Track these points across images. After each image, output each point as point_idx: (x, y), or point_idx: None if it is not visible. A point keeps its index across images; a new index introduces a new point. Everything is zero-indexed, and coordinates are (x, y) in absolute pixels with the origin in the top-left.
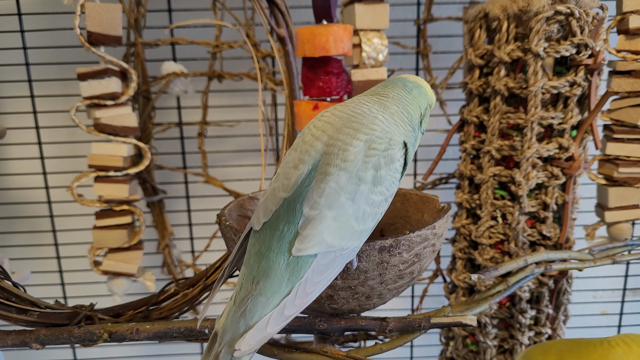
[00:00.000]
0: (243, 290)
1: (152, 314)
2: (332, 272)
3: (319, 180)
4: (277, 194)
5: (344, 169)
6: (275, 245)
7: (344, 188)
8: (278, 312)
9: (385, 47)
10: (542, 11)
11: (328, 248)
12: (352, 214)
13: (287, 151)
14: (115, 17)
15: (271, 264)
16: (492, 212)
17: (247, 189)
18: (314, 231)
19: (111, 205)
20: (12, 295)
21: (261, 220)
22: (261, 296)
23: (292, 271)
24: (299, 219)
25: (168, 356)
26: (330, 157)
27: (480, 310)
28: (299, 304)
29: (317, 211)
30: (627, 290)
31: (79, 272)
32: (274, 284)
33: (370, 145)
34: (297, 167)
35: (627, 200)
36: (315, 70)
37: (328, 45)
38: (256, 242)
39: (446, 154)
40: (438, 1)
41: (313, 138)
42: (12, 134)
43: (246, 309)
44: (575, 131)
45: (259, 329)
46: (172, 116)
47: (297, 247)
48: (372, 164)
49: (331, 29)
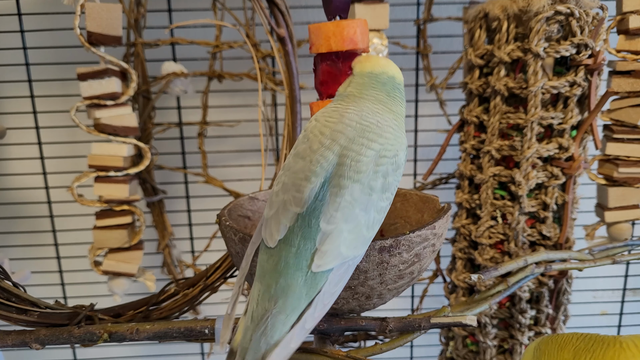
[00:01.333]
0: (260, 307)
1: (152, 314)
2: (345, 280)
3: (334, 194)
4: (289, 208)
5: (357, 180)
6: (292, 262)
7: (357, 200)
8: (300, 327)
9: (385, 47)
10: (542, 11)
11: (343, 259)
12: (364, 224)
13: (288, 153)
14: (115, 17)
15: (290, 282)
16: (492, 212)
17: (247, 189)
18: (332, 246)
19: (111, 206)
20: (12, 295)
21: (275, 236)
22: (280, 314)
23: (310, 286)
24: (315, 234)
25: (168, 356)
26: (343, 168)
27: (480, 310)
28: (318, 316)
29: (334, 225)
30: (627, 290)
31: (79, 272)
32: (293, 301)
33: (381, 154)
34: (308, 180)
35: (627, 200)
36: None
37: (356, 38)
38: (270, 258)
39: (446, 154)
40: (438, 1)
41: (323, 147)
42: (12, 134)
43: (266, 328)
44: (575, 131)
45: (283, 347)
46: (172, 116)
47: (317, 264)
48: (382, 172)
49: (357, 21)
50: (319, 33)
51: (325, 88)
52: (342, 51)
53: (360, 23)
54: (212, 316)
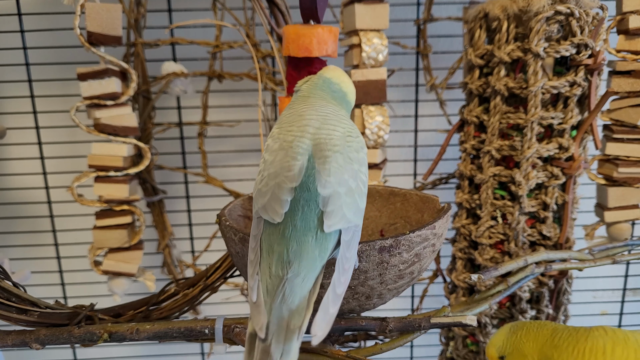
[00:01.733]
0: (274, 278)
1: (152, 314)
2: (355, 248)
3: (321, 163)
4: (284, 186)
5: (337, 151)
6: (300, 225)
7: (343, 166)
8: (332, 292)
9: (385, 47)
10: (542, 11)
11: (348, 223)
12: (356, 191)
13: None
14: (115, 17)
15: (301, 244)
16: (492, 212)
17: (247, 189)
18: (336, 206)
19: (111, 205)
20: (12, 295)
21: (280, 212)
22: (297, 277)
23: (321, 248)
24: (315, 196)
25: (168, 356)
26: (321, 145)
27: (480, 310)
28: (344, 280)
29: (331, 189)
30: (627, 290)
31: (79, 272)
32: (308, 263)
33: (346, 134)
34: (295, 159)
35: (627, 200)
36: (299, 69)
37: (311, 47)
38: (275, 230)
39: (446, 154)
40: (438, 1)
41: (297, 137)
42: (12, 134)
43: (284, 294)
44: (575, 131)
45: (324, 311)
46: (172, 116)
47: (328, 224)
48: (354, 147)
49: (315, 30)
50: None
51: (289, 87)
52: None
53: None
54: (212, 316)
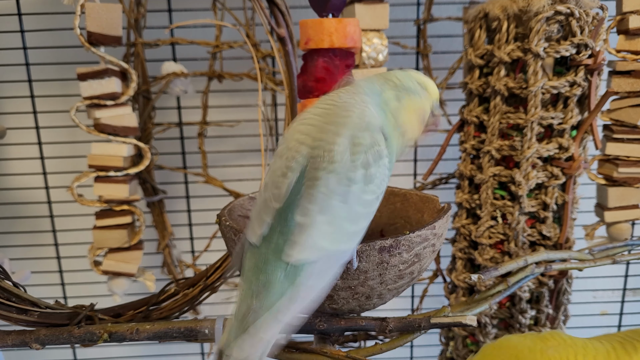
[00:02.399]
0: (243, 305)
1: (152, 314)
2: (327, 275)
3: (309, 187)
4: (269, 205)
5: (332, 171)
6: (271, 258)
7: (334, 191)
8: (271, 316)
9: (385, 47)
10: (542, 11)
11: (322, 252)
12: (346, 216)
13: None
14: (115, 17)
15: (269, 277)
16: (492, 212)
17: (247, 189)
18: (304, 237)
19: (111, 205)
20: (12, 295)
21: (257, 232)
22: (262, 310)
23: (291, 281)
24: (292, 229)
25: (168, 356)
26: (316, 160)
27: (480, 310)
28: (293, 309)
29: (308, 218)
30: (627, 290)
31: (79, 272)
32: (274, 297)
33: (354, 141)
34: (285, 175)
35: (627, 200)
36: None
37: (356, 36)
38: (251, 255)
39: (446, 154)
40: (438, 1)
41: (297, 143)
42: (12, 134)
43: (248, 325)
44: (575, 131)
45: (251, 334)
46: (172, 116)
47: (288, 253)
48: (360, 162)
49: (355, 20)
50: (319, 28)
51: (321, 85)
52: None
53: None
54: (212, 316)
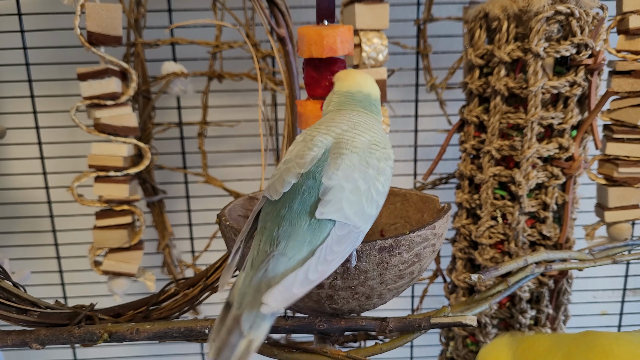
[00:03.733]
0: (261, 253)
1: (152, 314)
2: (346, 247)
3: (334, 158)
4: (292, 170)
5: (355, 152)
6: (296, 207)
7: (356, 166)
8: (303, 274)
9: (385, 47)
10: (542, 11)
11: (345, 219)
12: (364, 193)
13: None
14: (115, 17)
15: (293, 225)
16: (492, 212)
17: (247, 189)
18: (335, 197)
19: (111, 205)
20: (12, 295)
21: (280, 190)
22: (283, 256)
23: (313, 234)
24: (319, 186)
25: (168, 356)
26: (341, 143)
27: (480, 310)
28: (322, 270)
29: (335, 181)
30: (627, 290)
31: (79, 272)
32: (296, 244)
33: (372, 142)
34: (311, 149)
35: (627, 200)
36: (320, 70)
37: (336, 46)
38: (273, 208)
39: (446, 154)
40: (438, 1)
41: (321, 134)
42: (12, 134)
43: (267, 269)
44: (575, 131)
45: (286, 287)
46: (172, 116)
47: (321, 210)
48: (375, 155)
49: (338, 30)
50: (302, 39)
51: (309, 89)
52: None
53: (342, 31)
54: (212, 316)
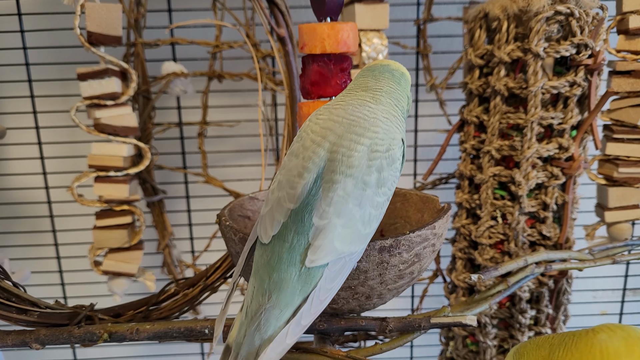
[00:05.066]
0: (254, 302)
1: (152, 314)
2: (342, 277)
3: (326, 189)
4: (283, 205)
5: (349, 175)
6: (286, 257)
7: (350, 194)
8: (295, 323)
9: (385, 47)
10: (542, 11)
11: (338, 255)
12: (359, 219)
13: (286, 153)
14: (115, 17)
15: (283, 276)
16: (492, 212)
17: (247, 189)
18: (325, 241)
19: (111, 205)
20: (12, 295)
21: (269, 232)
22: (275, 309)
23: (305, 282)
24: (308, 229)
25: (168, 356)
26: (334, 164)
27: (480, 310)
28: (315, 312)
29: (326, 220)
30: (627, 290)
31: (79, 272)
32: (287, 296)
33: (373, 148)
34: (301, 176)
35: (627, 200)
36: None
37: (350, 41)
38: (264, 253)
39: (446, 154)
40: (438, 1)
41: (314, 144)
42: (12, 134)
43: (260, 323)
44: (575, 131)
45: (278, 342)
46: (172, 116)
47: (310, 259)
48: (375, 167)
49: (350, 25)
50: (313, 34)
51: (316, 88)
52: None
53: (353, 27)
54: (212, 316)
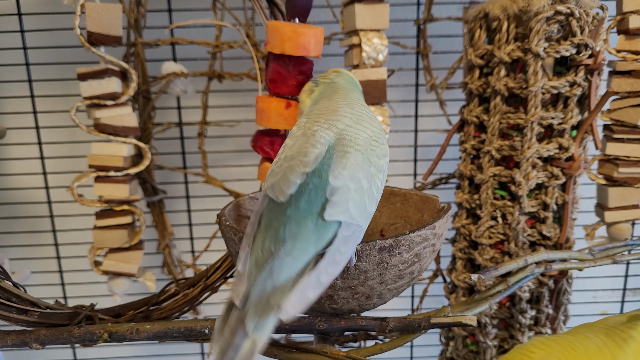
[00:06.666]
0: (265, 252)
1: (152, 314)
2: (351, 246)
3: (340, 157)
4: (296, 170)
5: (358, 150)
6: (303, 207)
7: (360, 165)
8: (315, 279)
9: (385, 47)
10: (542, 11)
11: (351, 219)
12: (367, 192)
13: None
14: (115, 17)
15: (300, 225)
16: (492, 212)
17: (247, 189)
18: (342, 198)
19: (111, 205)
20: (12, 295)
21: (286, 192)
22: (288, 257)
23: (319, 234)
24: (324, 185)
25: (168, 356)
26: (344, 141)
27: (480, 310)
28: (331, 272)
29: (342, 181)
30: (627, 290)
31: (79, 272)
32: (302, 245)
33: (372, 138)
34: (314, 146)
35: (627, 200)
36: (288, 68)
37: (310, 46)
38: (278, 207)
39: (446, 154)
40: (438, 1)
41: (322, 128)
42: (12, 134)
43: (272, 269)
44: (575, 131)
45: (301, 292)
46: (172, 116)
47: (329, 212)
48: (376, 153)
49: (315, 30)
50: (275, 33)
51: (274, 86)
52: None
53: (316, 32)
54: (212, 316)
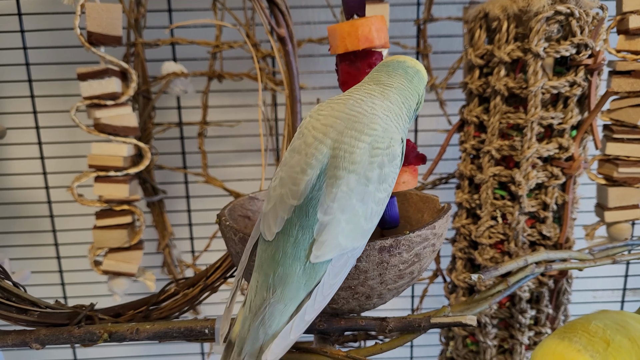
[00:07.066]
0: (258, 297)
1: (152, 314)
2: (345, 272)
3: (330, 185)
4: (286, 201)
5: (352, 171)
6: (290, 252)
7: (354, 190)
8: (299, 318)
9: None
10: (542, 11)
11: (342, 250)
12: (362, 214)
13: (286, 150)
14: (115, 17)
15: (288, 271)
16: (492, 212)
17: (247, 189)
18: (330, 236)
19: (111, 205)
20: (12, 295)
21: (273, 230)
22: (279, 303)
23: (309, 277)
24: (312, 224)
25: (168, 356)
26: (337, 160)
27: (480, 310)
28: (318, 307)
29: (331, 216)
30: (627, 290)
31: (79, 272)
32: (291, 291)
33: (374, 145)
34: (305, 172)
35: (627, 200)
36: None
37: (371, 36)
38: (268, 248)
39: (446, 154)
40: (438, 1)
41: (316, 141)
42: (12, 134)
43: (264, 317)
44: (575, 131)
45: (283, 337)
46: (172, 116)
47: (315, 254)
48: (377, 163)
49: (372, 19)
50: (334, 35)
51: (345, 88)
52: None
53: (376, 20)
54: (212, 316)
